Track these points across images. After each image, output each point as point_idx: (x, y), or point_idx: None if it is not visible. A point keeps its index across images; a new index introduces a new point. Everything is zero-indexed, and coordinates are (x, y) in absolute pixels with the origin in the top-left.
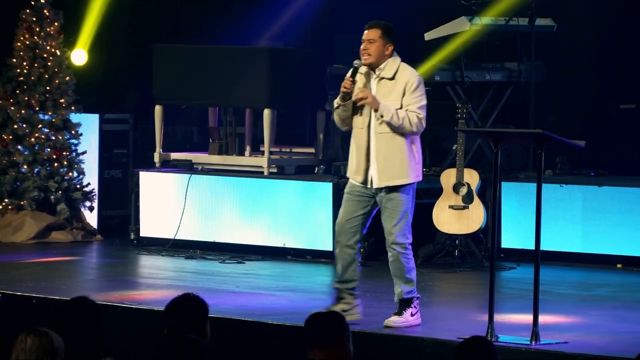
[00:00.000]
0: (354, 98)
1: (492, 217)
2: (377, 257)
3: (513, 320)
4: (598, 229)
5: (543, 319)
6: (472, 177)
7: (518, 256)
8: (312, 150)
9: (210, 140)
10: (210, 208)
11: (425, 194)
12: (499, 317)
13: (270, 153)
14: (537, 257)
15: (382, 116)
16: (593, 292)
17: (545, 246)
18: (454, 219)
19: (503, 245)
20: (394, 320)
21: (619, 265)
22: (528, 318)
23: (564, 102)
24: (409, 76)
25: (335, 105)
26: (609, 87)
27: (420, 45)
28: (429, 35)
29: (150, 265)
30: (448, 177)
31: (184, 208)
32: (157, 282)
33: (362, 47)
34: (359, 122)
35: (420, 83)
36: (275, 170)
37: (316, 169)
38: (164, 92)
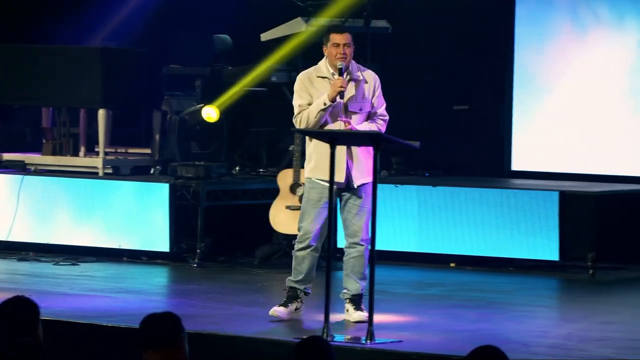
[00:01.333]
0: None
1: (328, 218)
2: (213, 259)
3: (348, 320)
4: (433, 229)
5: (378, 318)
6: None
7: None
8: (148, 150)
9: (44, 141)
10: (44, 209)
11: (263, 195)
12: (335, 317)
13: (105, 154)
14: (372, 257)
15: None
16: (427, 291)
17: (381, 246)
18: (291, 219)
19: (339, 246)
20: (360, 314)
21: (452, 264)
22: None
23: (399, 103)
24: (374, 77)
25: (323, 106)
26: (443, 88)
27: (256, 46)
28: (265, 36)
29: None
30: (285, 178)
31: (16, 209)
32: None
33: (338, 50)
34: (333, 124)
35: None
36: (110, 171)
37: (152, 169)
38: None
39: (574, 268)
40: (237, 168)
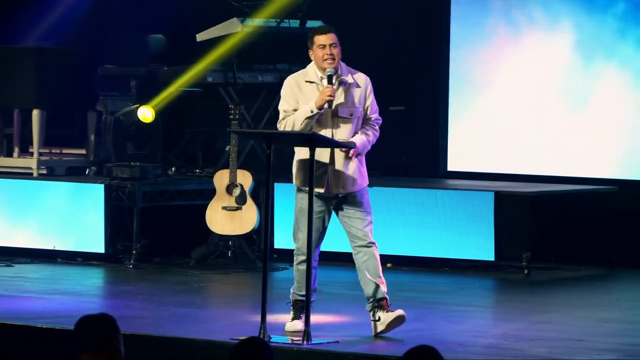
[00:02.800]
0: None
1: (265, 218)
2: (149, 260)
3: (286, 321)
4: None
5: (315, 318)
6: (245, 179)
7: (291, 257)
8: (83, 151)
9: None
10: None
11: (199, 195)
12: (272, 318)
13: (40, 154)
14: (309, 258)
15: (359, 154)
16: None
17: None
18: (227, 220)
19: (276, 246)
20: (395, 312)
21: (388, 265)
22: None
23: None
24: (365, 80)
25: (310, 114)
26: (379, 89)
27: (192, 46)
28: (200, 36)
29: None
30: (221, 178)
31: None
32: None
33: (325, 52)
34: (321, 131)
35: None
36: (44, 171)
37: (87, 170)
38: None
39: (509, 268)
40: (173, 169)
